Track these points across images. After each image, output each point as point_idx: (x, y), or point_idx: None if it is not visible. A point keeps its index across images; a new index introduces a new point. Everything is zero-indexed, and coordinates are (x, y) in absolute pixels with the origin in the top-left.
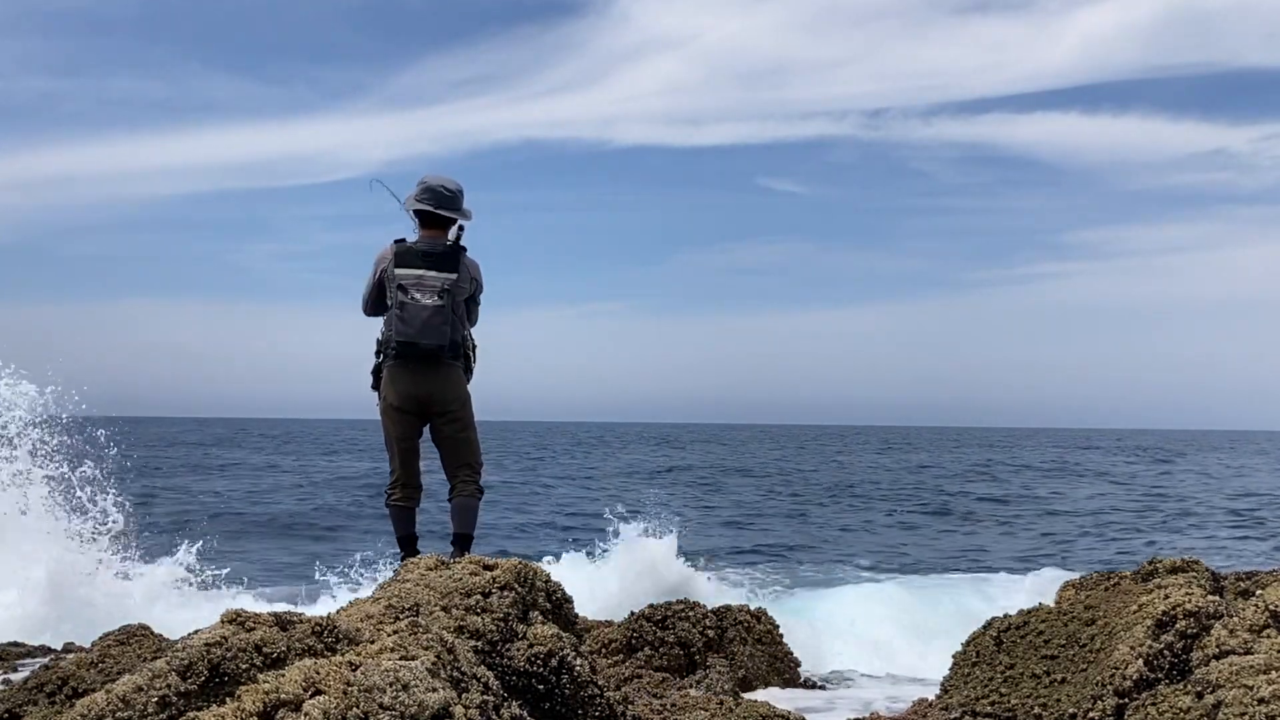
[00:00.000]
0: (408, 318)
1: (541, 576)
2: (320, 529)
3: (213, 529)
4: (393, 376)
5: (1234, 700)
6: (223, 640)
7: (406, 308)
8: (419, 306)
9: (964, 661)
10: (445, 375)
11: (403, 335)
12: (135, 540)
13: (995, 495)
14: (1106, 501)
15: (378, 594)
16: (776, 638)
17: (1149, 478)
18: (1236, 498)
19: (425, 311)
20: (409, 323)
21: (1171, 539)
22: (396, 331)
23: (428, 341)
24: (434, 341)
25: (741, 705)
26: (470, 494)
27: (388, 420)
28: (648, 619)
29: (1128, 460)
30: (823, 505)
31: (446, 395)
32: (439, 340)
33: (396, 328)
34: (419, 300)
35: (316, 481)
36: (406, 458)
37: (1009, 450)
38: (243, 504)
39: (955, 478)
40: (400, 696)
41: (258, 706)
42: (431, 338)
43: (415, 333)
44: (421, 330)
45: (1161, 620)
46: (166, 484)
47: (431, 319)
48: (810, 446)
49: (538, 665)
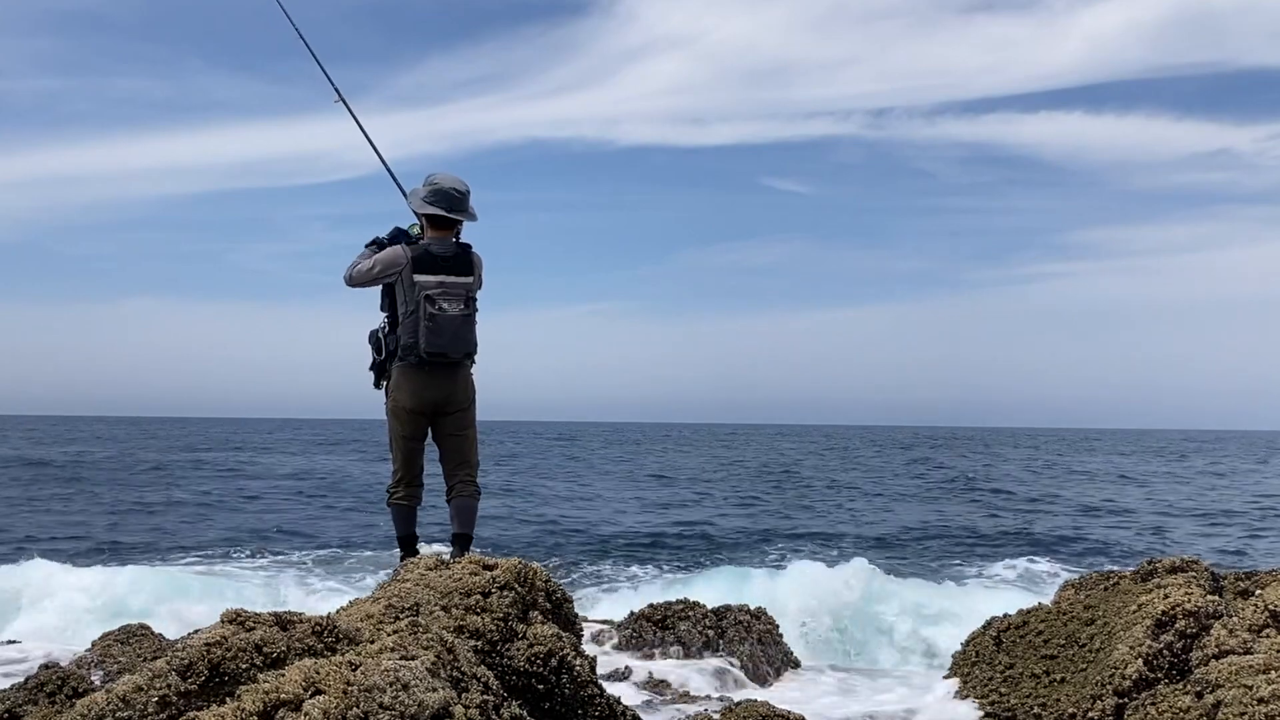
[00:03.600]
0: (439, 329)
1: (541, 576)
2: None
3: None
4: (408, 378)
5: (1234, 700)
6: (223, 640)
7: (437, 320)
8: (448, 318)
9: (964, 661)
10: (460, 376)
11: (434, 346)
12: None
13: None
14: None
15: (378, 594)
16: (776, 636)
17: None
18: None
19: (455, 323)
20: (440, 334)
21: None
22: (428, 343)
23: (457, 351)
24: (463, 350)
25: (741, 705)
26: (470, 494)
27: (397, 420)
28: (647, 619)
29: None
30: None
31: (458, 395)
32: (467, 349)
33: (427, 339)
34: (447, 311)
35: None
36: (412, 457)
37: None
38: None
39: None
40: (400, 696)
41: (258, 706)
42: (460, 347)
43: (446, 343)
44: (452, 340)
45: (1161, 620)
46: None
47: (461, 329)
48: (896, 448)
49: (538, 665)
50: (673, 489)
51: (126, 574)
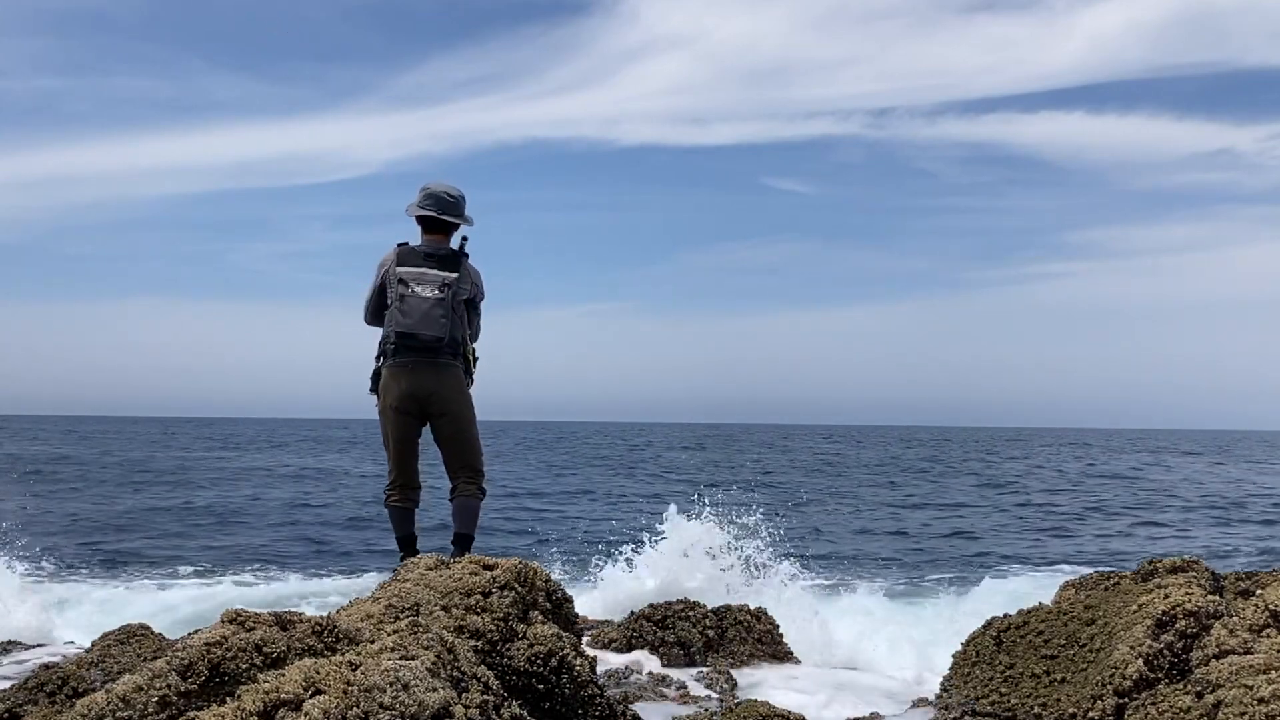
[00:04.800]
0: (407, 309)
1: (541, 576)
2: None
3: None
4: (391, 377)
5: (1234, 700)
6: (223, 640)
7: (406, 300)
8: (419, 299)
9: (964, 661)
10: (444, 374)
11: (402, 326)
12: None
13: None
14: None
15: (378, 594)
16: (777, 637)
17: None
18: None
19: (425, 303)
20: (409, 314)
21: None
22: (396, 324)
23: (427, 332)
24: (433, 333)
25: (741, 705)
26: (471, 494)
27: (385, 421)
28: (648, 619)
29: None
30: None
31: (445, 394)
32: (438, 332)
33: (396, 320)
34: (418, 293)
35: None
36: (404, 459)
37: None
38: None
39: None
40: (400, 696)
41: (258, 706)
42: (430, 329)
43: (414, 323)
44: (421, 320)
45: (1161, 620)
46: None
47: (431, 310)
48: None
49: (538, 665)
50: (667, 485)
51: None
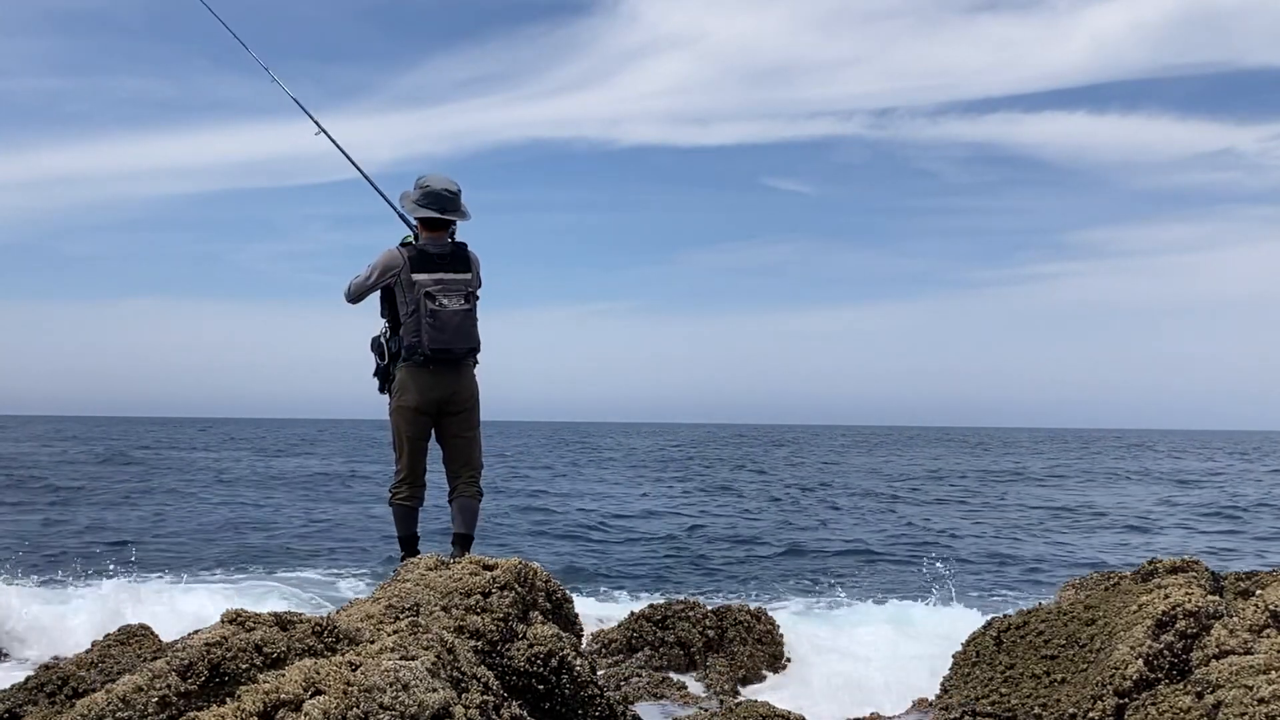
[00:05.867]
0: (440, 324)
1: (541, 576)
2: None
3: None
4: (413, 377)
5: (1234, 700)
6: (223, 640)
7: (439, 315)
8: (449, 313)
9: (964, 661)
10: (464, 375)
11: (437, 342)
12: None
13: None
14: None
15: (378, 594)
16: (776, 638)
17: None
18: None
19: (456, 317)
20: (442, 329)
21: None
22: (430, 339)
23: (461, 345)
24: (466, 345)
25: (741, 705)
26: (472, 495)
27: (402, 420)
28: (648, 619)
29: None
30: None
31: (462, 394)
32: (470, 344)
33: (430, 335)
34: (447, 306)
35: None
36: (417, 457)
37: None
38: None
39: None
40: (400, 696)
41: (258, 706)
42: (464, 341)
43: (449, 338)
44: (455, 335)
45: (1161, 620)
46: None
47: (463, 324)
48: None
49: (538, 665)
50: (668, 485)
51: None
